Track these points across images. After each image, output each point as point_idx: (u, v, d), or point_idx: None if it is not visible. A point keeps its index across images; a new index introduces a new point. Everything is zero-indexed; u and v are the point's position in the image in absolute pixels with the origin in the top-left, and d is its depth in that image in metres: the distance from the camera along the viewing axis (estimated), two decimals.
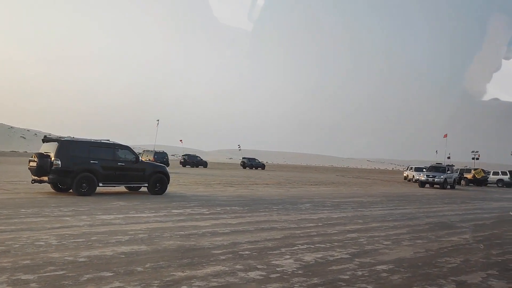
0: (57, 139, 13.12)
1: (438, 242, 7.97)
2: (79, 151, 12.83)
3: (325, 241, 7.33)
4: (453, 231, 9.55)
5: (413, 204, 15.96)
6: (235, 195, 15.63)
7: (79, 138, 13.74)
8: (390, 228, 9.39)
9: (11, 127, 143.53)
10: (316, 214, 11.11)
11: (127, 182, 13.96)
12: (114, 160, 13.46)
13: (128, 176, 13.80)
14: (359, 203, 15.13)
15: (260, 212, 10.99)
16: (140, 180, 14.11)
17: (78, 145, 13.03)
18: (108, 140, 14.36)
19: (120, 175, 13.53)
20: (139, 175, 14.02)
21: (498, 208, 16.25)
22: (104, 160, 13.14)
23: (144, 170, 14.14)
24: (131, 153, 14.10)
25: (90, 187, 12.67)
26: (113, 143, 14.09)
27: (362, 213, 12.11)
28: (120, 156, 13.70)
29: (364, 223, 10.05)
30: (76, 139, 13.54)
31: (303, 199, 15.39)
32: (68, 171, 12.39)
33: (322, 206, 13.44)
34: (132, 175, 13.91)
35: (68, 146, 12.78)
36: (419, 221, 10.89)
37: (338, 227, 9.08)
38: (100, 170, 12.92)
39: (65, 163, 12.34)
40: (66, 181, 12.61)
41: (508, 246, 7.95)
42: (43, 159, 12.38)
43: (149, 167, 14.53)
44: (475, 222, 11.35)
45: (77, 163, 12.56)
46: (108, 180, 13.24)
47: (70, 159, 12.48)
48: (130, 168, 13.80)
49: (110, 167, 13.26)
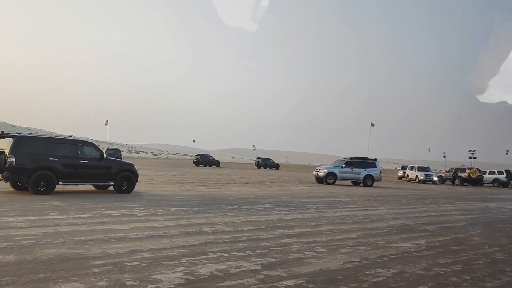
0: (13, 134, 12.35)
1: (383, 248, 6.97)
2: (36, 148, 12.09)
3: (247, 248, 6.35)
4: (411, 235, 8.53)
5: (389, 205, 14.95)
6: (196, 195, 14.66)
7: (38, 134, 12.99)
8: (340, 232, 8.39)
9: (13, 125, 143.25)
10: (268, 216, 10.12)
11: (90, 180, 13.25)
12: (76, 157, 12.72)
13: (92, 174, 13.07)
14: (329, 203, 14.14)
15: (205, 213, 10.01)
16: (105, 178, 13.40)
17: (36, 141, 12.32)
18: (70, 136, 13.57)
19: (82, 173, 12.78)
20: (104, 173, 13.28)
21: (481, 210, 15.19)
22: (64, 157, 12.42)
23: (109, 168, 13.41)
24: (96, 150, 13.39)
25: (48, 186, 11.99)
26: (76, 140, 13.39)
27: (323, 214, 11.11)
28: (83, 153, 12.98)
29: (315, 225, 9.06)
30: (34, 135, 12.85)
31: (269, 199, 14.41)
32: (24, 168, 11.67)
33: (284, 206, 12.46)
34: (96, 173, 13.16)
35: (24, 142, 12.03)
36: (381, 224, 9.88)
37: (280, 231, 8.09)
38: (59, 168, 12.20)
39: (20, 160, 11.63)
40: (22, 179, 11.89)
41: (462, 254, 6.93)
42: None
43: (115, 164, 13.77)
44: (443, 225, 10.32)
45: (34, 160, 11.84)
46: (69, 178, 12.48)
47: (26, 156, 11.76)
48: (94, 166, 13.07)
49: (71, 164, 12.52)
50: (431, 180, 36.29)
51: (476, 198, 21.61)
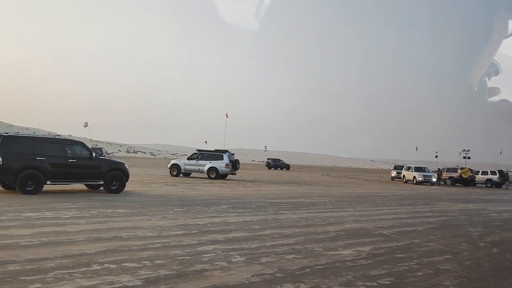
0: (0, 134, 12.13)
1: (315, 257, 6.11)
2: (23, 147, 11.93)
3: (148, 258, 5.49)
4: (359, 240, 7.67)
5: (360, 206, 14.08)
6: (157, 195, 13.80)
7: (24, 134, 12.83)
8: (279, 237, 7.53)
9: (10, 125, 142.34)
10: (213, 218, 9.27)
11: (80, 179, 13.09)
12: (65, 156, 12.54)
13: (81, 173, 12.90)
14: (296, 204, 13.30)
15: (144, 215, 9.16)
16: (94, 178, 13.21)
17: (23, 140, 12.15)
18: (58, 135, 13.37)
19: (71, 172, 12.60)
20: (94, 172, 13.09)
21: (457, 211, 14.32)
22: (52, 157, 12.24)
23: (99, 167, 13.21)
24: (85, 149, 13.16)
25: (36, 185, 11.84)
26: (64, 139, 13.29)
27: (277, 216, 10.25)
28: (71, 152, 12.77)
29: (258, 229, 8.20)
30: (21, 134, 12.71)
31: (231, 200, 13.54)
32: (10, 168, 11.54)
33: (242, 207, 11.60)
34: (86, 173, 12.99)
35: (11, 141, 11.88)
36: (335, 227, 9.03)
37: (209, 236, 7.23)
38: (47, 167, 12.04)
39: (6, 159, 11.49)
40: (8, 178, 11.72)
41: (404, 263, 6.06)
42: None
43: (105, 163, 13.53)
44: (404, 229, 9.46)
45: (20, 159, 11.69)
46: (57, 178, 12.35)
47: (12, 155, 11.62)
48: (83, 165, 12.88)
49: (60, 164, 12.35)
50: (430, 181, 34.31)
51: (460, 199, 20.73)
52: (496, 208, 16.34)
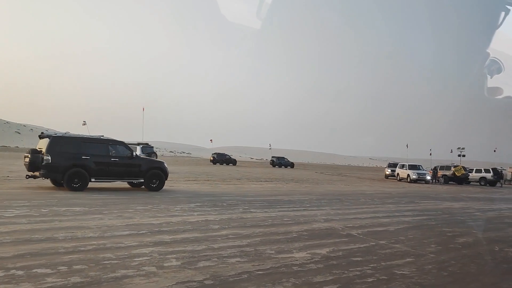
0: (49, 135, 12.99)
1: (262, 261, 5.60)
2: (70, 147, 12.74)
3: (66, 263, 4.96)
4: (321, 242, 7.14)
5: (339, 205, 13.57)
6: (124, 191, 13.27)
7: (72, 134, 13.52)
8: (233, 238, 7.00)
9: (7, 122, 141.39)
10: (173, 217, 8.77)
11: (121, 177, 13.81)
12: (107, 155, 13.31)
13: (122, 171, 13.60)
14: (270, 203, 12.79)
15: (100, 214, 8.64)
16: (135, 176, 13.86)
17: (70, 141, 12.90)
18: (102, 136, 14.01)
19: (113, 170, 13.36)
20: (135, 170, 13.77)
21: (439, 210, 13.81)
22: (96, 156, 13.03)
23: (139, 165, 13.89)
24: (126, 148, 13.86)
25: (82, 182, 12.61)
26: (107, 139, 13.87)
27: (244, 215, 9.73)
28: (113, 151, 13.54)
29: (215, 229, 7.68)
30: (68, 135, 13.32)
31: (205, 197, 13.05)
32: (59, 166, 12.37)
33: (212, 205, 11.10)
34: (127, 171, 13.68)
35: (59, 142, 12.69)
36: (300, 227, 8.52)
37: (156, 237, 6.72)
38: (92, 166, 12.84)
39: (55, 158, 12.34)
40: (57, 176, 12.61)
41: (357, 268, 5.53)
42: (35, 154, 12.50)
43: (145, 162, 14.22)
44: (375, 229, 8.93)
45: (67, 158, 12.50)
46: (100, 176, 13.11)
47: (60, 154, 12.45)
48: (125, 164, 13.58)
49: (103, 162, 13.15)
50: (424, 180, 33.25)
51: (449, 197, 20.22)
52: (483, 207, 15.83)
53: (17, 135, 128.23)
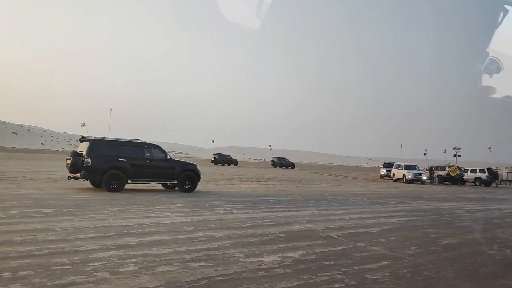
0: (89, 138, 13.59)
1: (227, 265, 5.31)
2: (108, 150, 13.34)
3: (12, 269, 4.68)
4: (297, 244, 6.85)
5: (325, 205, 13.29)
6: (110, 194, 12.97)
7: (110, 138, 14.20)
8: (206, 241, 6.72)
9: (4, 122, 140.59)
10: (150, 218, 8.49)
11: (156, 179, 14.27)
12: (143, 158, 13.85)
13: (157, 173, 14.11)
14: (255, 203, 12.56)
15: (72, 215, 8.33)
16: (169, 178, 14.40)
17: (108, 144, 13.53)
18: (138, 139, 14.62)
19: (148, 172, 13.87)
20: (169, 173, 14.29)
21: (428, 211, 13.53)
22: (132, 158, 13.56)
23: (173, 168, 14.41)
24: (161, 151, 14.41)
25: (119, 184, 13.19)
26: (143, 142, 14.45)
27: (224, 217, 9.43)
28: (149, 154, 14.06)
29: (188, 231, 7.39)
30: (107, 139, 13.96)
31: (188, 198, 12.71)
32: (98, 168, 12.94)
33: (193, 206, 10.83)
34: (161, 173, 14.18)
35: (98, 145, 13.31)
36: (279, 229, 8.23)
37: (124, 240, 6.43)
38: (128, 168, 13.37)
39: (94, 161, 12.91)
40: (96, 177, 13.19)
41: (327, 272, 5.25)
42: (76, 157, 13.04)
43: (178, 165, 14.71)
44: (357, 230, 8.65)
45: (106, 161, 13.07)
46: (136, 177, 13.64)
47: (99, 157, 13.03)
48: (159, 166, 14.10)
49: (139, 165, 13.65)
50: (420, 180, 32.80)
51: (441, 198, 19.96)
52: (474, 207, 15.56)
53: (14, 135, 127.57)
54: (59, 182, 15.88)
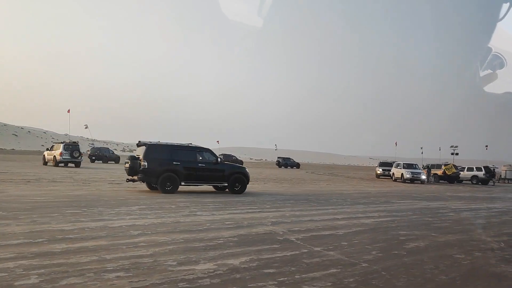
0: (145, 143, 14.21)
1: (147, 276, 4.71)
2: (163, 154, 14.04)
3: None
4: (244, 249, 6.25)
5: (303, 205, 12.72)
6: (73, 195, 12.41)
7: (164, 142, 14.73)
8: (144, 246, 6.14)
9: (5, 124, 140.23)
10: (101, 221, 7.87)
11: (207, 181, 14.89)
12: (195, 161, 14.48)
13: (209, 176, 14.68)
14: (227, 204, 11.92)
15: (8, 220, 7.76)
16: (220, 180, 14.92)
17: (163, 148, 14.22)
18: (190, 143, 15.19)
19: (200, 175, 14.46)
20: (219, 175, 14.82)
21: (411, 210, 12.91)
22: (185, 162, 14.17)
23: (223, 170, 14.94)
24: (212, 155, 14.98)
25: (173, 186, 13.85)
26: (195, 146, 15.08)
27: (183, 219, 8.85)
28: (201, 157, 14.70)
29: (132, 236, 6.80)
30: (161, 143, 14.54)
31: (159, 199, 12.14)
32: (154, 171, 13.60)
33: (159, 208, 10.24)
34: (212, 175, 14.76)
35: (154, 149, 13.99)
36: (237, 232, 7.66)
37: (50, 246, 5.85)
38: (182, 171, 13.98)
39: (151, 164, 13.59)
40: (152, 180, 13.82)
41: (258, 283, 4.64)
42: (134, 161, 13.88)
43: (228, 168, 15.31)
44: (322, 233, 8.05)
45: (161, 164, 13.74)
46: (189, 180, 14.26)
47: (155, 160, 13.68)
48: (210, 169, 14.67)
49: (191, 167, 14.26)
50: (419, 179, 31.17)
51: (430, 197, 19.32)
52: (462, 207, 14.93)
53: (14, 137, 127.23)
54: None
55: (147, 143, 14.16)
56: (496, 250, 7.13)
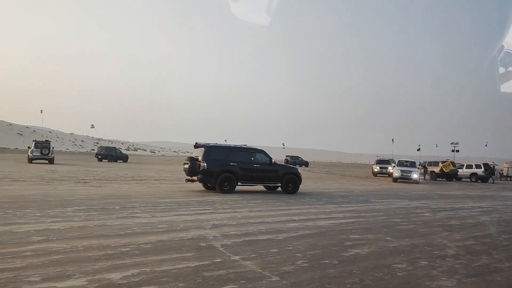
0: (204, 145, 14.63)
1: None
2: (221, 155, 14.43)
3: None
4: (145, 259, 5.36)
5: (264, 206, 11.82)
6: (17, 195, 11.62)
7: (221, 144, 15.28)
8: (26, 256, 5.25)
9: (10, 123, 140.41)
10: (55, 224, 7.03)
11: (262, 182, 15.25)
12: (251, 162, 14.82)
13: (263, 176, 15.07)
14: (189, 204, 11.06)
15: None
16: (274, 181, 15.28)
17: (220, 149, 14.62)
18: (245, 145, 15.65)
19: (256, 175, 14.84)
20: (273, 176, 15.20)
21: (386, 210, 11.95)
22: (241, 163, 14.57)
23: (277, 171, 15.31)
24: (266, 156, 15.35)
25: (230, 186, 14.25)
26: (250, 148, 15.53)
27: (114, 222, 8.00)
28: (256, 158, 15.01)
29: (21, 243, 5.92)
30: (219, 145, 14.94)
31: (111, 200, 11.30)
32: (212, 172, 14.07)
33: (101, 209, 9.39)
34: (267, 176, 15.13)
35: (212, 150, 14.40)
36: (159, 237, 6.81)
37: None
38: (238, 171, 14.43)
39: (210, 165, 14.06)
40: (211, 180, 14.29)
41: None
42: (194, 162, 14.28)
43: (282, 168, 15.67)
44: (258, 237, 7.15)
45: (219, 165, 14.16)
46: (245, 180, 14.69)
47: (214, 161, 14.13)
48: (265, 170, 15.04)
49: (247, 168, 14.64)
50: (409, 178, 27.63)
51: (417, 195, 18.31)
52: (443, 206, 13.95)
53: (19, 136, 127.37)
54: None
55: (205, 145, 14.56)
56: (448, 258, 6.17)
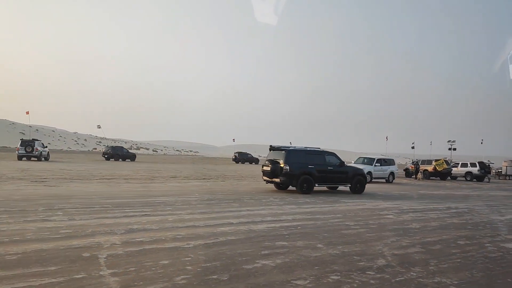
0: (283, 148, 15.43)
1: None
2: (299, 158, 15.14)
3: None
4: None
5: (214, 207, 10.87)
6: None
7: (299, 147, 15.92)
8: None
9: (13, 123, 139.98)
10: None
11: (335, 183, 16.08)
12: (325, 164, 15.53)
13: (335, 178, 15.85)
14: (127, 205, 10.22)
15: None
16: (344, 181, 16.03)
17: (298, 152, 15.36)
18: (319, 148, 16.28)
19: (329, 177, 15.63)
20: (343, 177, 15.94)
21: (343, 212, 10.92)
22: (317, 165, 15.28)
23: (347, 172, 16.03)
24: (337, 158, 16.09)
25: (309, 187, 14.97)
26: (323, 151, 16.15)
27: (74, 222, 7.02)
28: (328, 161, 15.70)
29: None
30: (297, 148, 15.71)
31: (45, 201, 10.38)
32: (294, 174, 14.79)
33: (19, 211, 8.43)
34: (338, 177, 15.88)
35: (292, 154, 15.12)
36: (35, 246, 5.78)
37: None
38: (315, 173, 15.13)
39: (292, 167, 14.76)
40: (292, 182, 14.99)
41: None
42: (275, 165, 14.98)
43: (351, 170, 16.36)
44: (165, 245, 6.16)
45: (299, 167, 14.87)
46: (321, 181, 15.44)
47: (294, 164, 14.83)
48: (337, 171, 15.78)
49: (323, 170, 15.35)
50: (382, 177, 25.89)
51: (395, 195, 17.23)
52: (416, 207, 12.88)
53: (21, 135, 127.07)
54: None
55: (285, 149, 15.26)
56: (369, 271, 5.15)
